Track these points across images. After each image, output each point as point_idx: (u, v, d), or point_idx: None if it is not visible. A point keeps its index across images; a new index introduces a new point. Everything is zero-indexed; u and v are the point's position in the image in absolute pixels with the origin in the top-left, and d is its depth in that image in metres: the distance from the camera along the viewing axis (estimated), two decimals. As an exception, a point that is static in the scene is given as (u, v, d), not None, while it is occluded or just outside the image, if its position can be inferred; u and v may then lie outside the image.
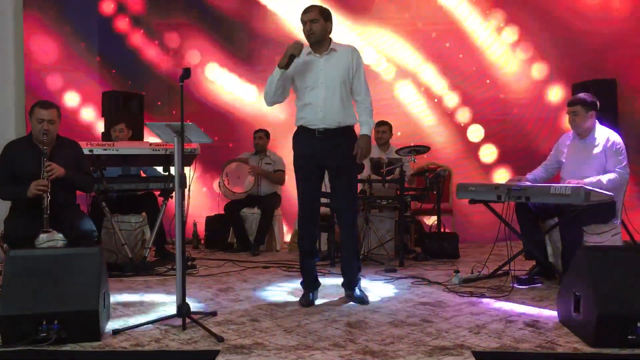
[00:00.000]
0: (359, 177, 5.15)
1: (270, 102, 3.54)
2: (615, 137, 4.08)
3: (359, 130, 3.52)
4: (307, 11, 3.44)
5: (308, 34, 3.41)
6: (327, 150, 3.43)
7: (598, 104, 4.14)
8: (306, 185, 3.52)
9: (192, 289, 3.91)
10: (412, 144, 5.45)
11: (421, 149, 5.30)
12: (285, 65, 3.37)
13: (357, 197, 3.71)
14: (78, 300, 2.63)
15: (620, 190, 4.11)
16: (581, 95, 4.21)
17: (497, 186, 4.06)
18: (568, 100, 4.23)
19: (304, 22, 3.43)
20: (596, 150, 4.04)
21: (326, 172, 3.58)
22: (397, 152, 5.34)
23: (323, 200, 3.81)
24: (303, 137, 3.51)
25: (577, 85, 5.73)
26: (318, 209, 3.62)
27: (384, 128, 5.78)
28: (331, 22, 3.48)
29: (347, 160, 3.46)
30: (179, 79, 2.96)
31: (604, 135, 4.08)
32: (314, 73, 3.44)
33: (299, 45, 3.37)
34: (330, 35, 3.50)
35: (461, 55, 6.75)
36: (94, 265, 2.75)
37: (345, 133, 3.47)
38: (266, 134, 6.25)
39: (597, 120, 4.14)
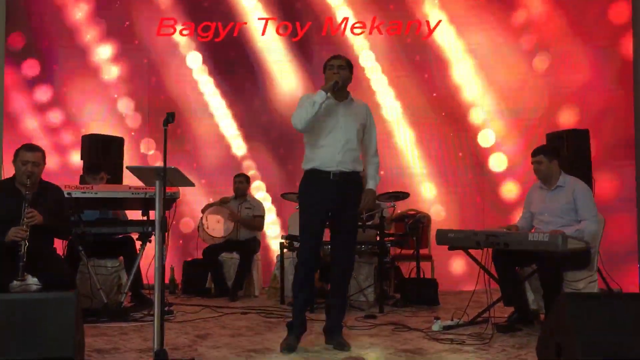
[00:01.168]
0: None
1: (307, 125, 3.46)
2: (582, 185, 4.18)
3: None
4: (337, 57, 3.59)
5: (334, 75, 3.49)
6: (341, 194, 3.49)
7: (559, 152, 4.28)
8: (310, 226, 3.53)
9: (169, 335, 3.82)
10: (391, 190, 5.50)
11: (400, 195, 5.35)
12: (331, 89, 3.43)
13: (355, 249, 3.83)
14: (52, 347, 2.55)
15: (596, 238, 4.19)
16: (544, 145, 4.35)
17: (476, 233, 4.10)
18: (532, 152, 4.35)
19: (331, 66, 3.54)
20: (565, 200, 4.14)
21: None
22: (377, 198, 5.37)
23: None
24: (315, 181, 3.53)
25: (551, 135, 5.87)
26: (318, 255, 3.66)
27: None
28: (352, 74, 3.61)
29: (354, 212, 3.57)
30: (162, 122, 2.98)
31: (571, 183, 4.18)
32: (333, 117, 3.52)
33: (338, 76, 3.47)
34: None
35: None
36: (69, 311, 2.68)
37: (357, 179, 3.58)
38: (246, 179, 6.26)
39: (561, 170, 4.25)
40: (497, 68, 6.63)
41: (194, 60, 7.08)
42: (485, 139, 6.62)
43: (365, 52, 6.85)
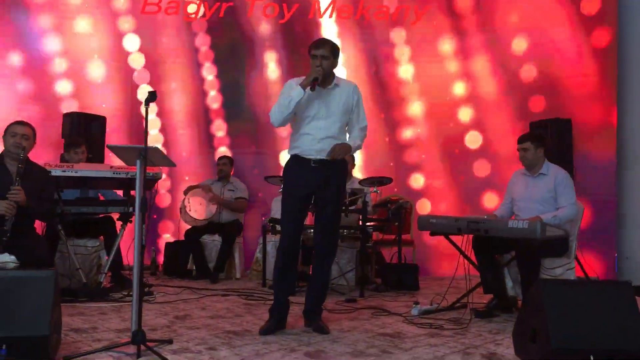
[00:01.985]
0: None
1: (282, 122, 3.50)
2: (563, 173, 4.22)
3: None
4: (318, 46, 3.45)
5: (316, 68, 3.42)
6: (319, 181, 3.46)
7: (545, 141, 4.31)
8: (290, 212, 3.53)
9: (148, 316, 3.82)
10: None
11: (384, 180, 5.35)
12: (312, 88, 3.38)
13: (339, 230, 3.77)
14: (28, 325, 2.53)
15: (574, 225, 4.24)
16: (530, 132, 4.36)
17: (457, 219, 4.13)
18: (518, 138, 4.36)
19: (314, 56, 3.44)
20: (547, 188, 4.18)
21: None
22: (360, 182, 5.38)
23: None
24: (296, 167, 3.53)
25: (534, 124, 5.89)
26: (298, 241, 3.62)
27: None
28: (337, 59, 3.54)
29: (336, 194, 3.53)
30: (144, 101, 2.95)
31: (553, 171, 4.22)
32: (315, 104, 3.47)
33: (320, 70, 3.40)
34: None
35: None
36: (46, 290, 2.66)
37: (340, 166, 3.53)
38: (230, 161, 6.24)
39: (545, 158, 4.28)
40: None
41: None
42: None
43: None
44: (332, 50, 3.48)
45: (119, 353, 2.84)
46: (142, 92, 6.81)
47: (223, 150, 6.86)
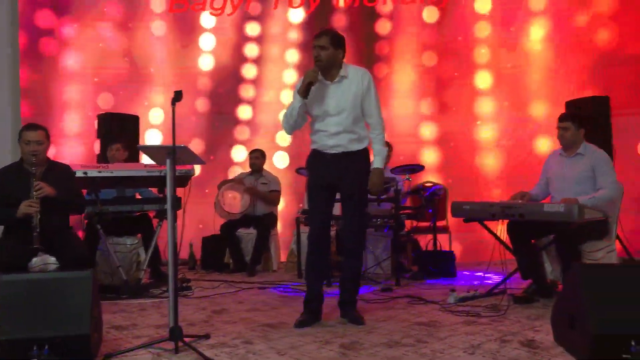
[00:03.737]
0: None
1: (290, 130, 3.56)
2: (602, 153, 4.09)
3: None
4: (317, 37, 3.43)
5: (315, 59, 3.40)
6: (338, 172, 3.45)
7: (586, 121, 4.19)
8: (314, 204, 3.55)
9: (186, 311, 3.89)
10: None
11: (416, 168, 5.31)
12: (304, 94, 3.36)
13: (365, 220, 3.68)
14: (69, 325, 2.61)
15: (615, 206, 4.12)
16: (572, 111, 4.24)
17: (491, 204, 4.06)
18: (559, 116, 4.24)
19: (313, 46, 3.42)
20: (584, 167, 4.05)
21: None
22: (392, 171, 5.34)
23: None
24: (315, 160, 3.56)
25: (571, 102, 5.74)
26: (326, 230, 3.59)
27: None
28: (343, 49, 3.46)
29: (355, 187, 3.48)
30: (171, 101, 2.99)
31: (591, 151, 4.10)
32: (325, 100, 3.45)
33: (315, 73, 3.36)
34: (343, 60, 3.48)
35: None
36: (85, 289, 2.73)
37: (358, 157, 3.49)
38: (262, 154, 6.26)
39: (584, 139, 4.16)
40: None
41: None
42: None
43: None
44: (332, 40, 3.40)
45: (157, 349, 2.90)
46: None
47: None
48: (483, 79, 6.68)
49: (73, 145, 6.70)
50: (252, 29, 7.05)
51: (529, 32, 6.55)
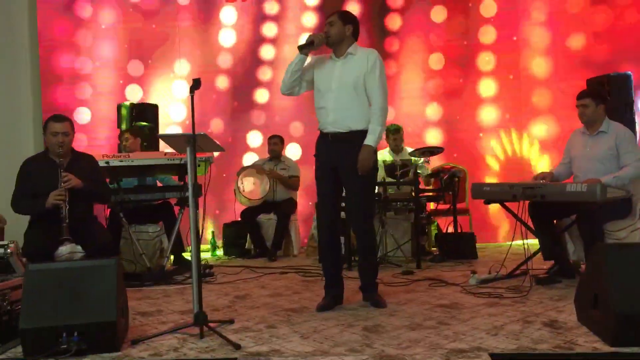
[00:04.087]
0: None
1: (285, 88, 3.56)
2: (625, 130, 4.03)
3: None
4: (329, 15, 3.54)
5: (325, 35, 3.45)
6: (339, 154, 3.44)
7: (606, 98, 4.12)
8: (321, 187, 3.56)
9: (210, 297, 3.94)
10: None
11: (435, 150, 5.28)
12: (302, 49, 3.41)
13: (370, 203, 3.61)
14: (96, 312, 2.66)
15: (639, 184, 4.06)
16: (590, 88, 4.17)
17: (512, 185, 4.03)
18: (577, 94, 4.18)
19: (325, 24, 3.52)
20: (607, 145, 3.99)
21: None
22: (410, 154, 5.33)
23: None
24: (320, 141, 3.57)
25: (592, 80, 5.66)
26: (336, 212, 3.58)
27: (396, 136, 5.78)
28: (353, 25, 3.49)
29: (352, 169, 3.42)
30: (189, 89, 3.01)
31: (614, 129, 4.03)
32: (329, 76, 3.49)
33: (320, 35, 3.44)
34: (354, 41, 3.51)
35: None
36: (111, 277, 2.78)
37: (357, 137, 3.42)
38: (281, 140, 6.28)
39: (606, 115, 4.10)
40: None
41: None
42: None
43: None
44: (341, 16, 3.48)
45: (183, 334, 2.95)
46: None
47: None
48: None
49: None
50: (271, 7, 7.01)
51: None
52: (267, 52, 7.00)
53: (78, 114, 6.73)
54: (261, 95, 7.03)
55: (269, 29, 7.00)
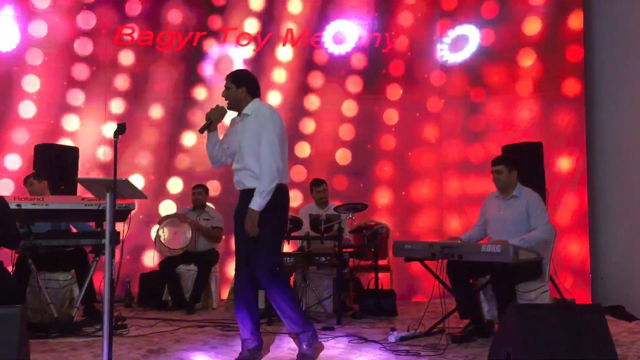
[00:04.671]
0: (297, 233, 5.18)
1: (213, 163, 3.64)
2: (535, 196, 4.29)
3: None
4: (226, 78, 3.55)
5: (211, 110, 3.52)
6: (242, 211, 3.44)
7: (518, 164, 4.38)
8: (237, 253, 3.60)
9: (121, 350, 3.75)
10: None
11: (359, 207, 5.37)
12: (202, 130, 3.48)
13: (266, 261, 3.44)
14: (-6, 365, 2.48)
15: (547, 248, 4.29)
16: (504, 155, 4.42)
17: (432, 244, 4.15)
18: (492, 160, 4.42)
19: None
20: (519, 210, 4.22)
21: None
22: (335, 209, 5.39)
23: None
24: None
25: (507, 147, 5.98)
26: (250, 270, 3.50)
27: (322, 188, 5.85)
28: (246, 86, 3.50)
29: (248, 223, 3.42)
30: (113, 134, 2.94)
31: (526, 194, 4.28)
32: (234, 139, 3.55)
33: (219, 111, 3.51)
34: (252, 98, 3.52)
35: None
36: (13, 327, 2.61)
37: (248, 196, 3.40)
38: (205, 190, 6.19)
39: (518, 181, 4.34)
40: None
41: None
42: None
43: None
44: (234, 79, 3.52)
45: (89, 391, 2.78)
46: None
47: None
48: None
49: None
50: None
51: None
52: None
53: None
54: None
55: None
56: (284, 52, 6.89)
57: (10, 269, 4.48)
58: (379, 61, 6.84)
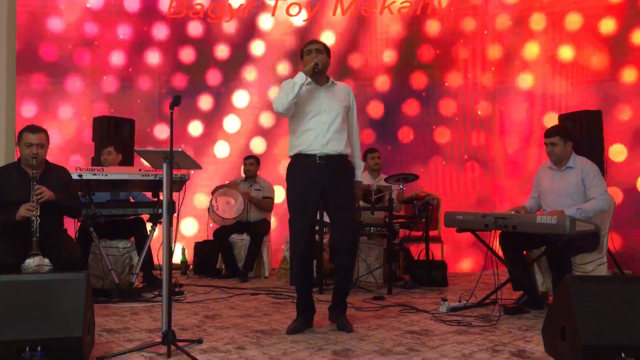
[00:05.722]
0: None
1: (287, 107, 3.43)
2: (591, 165, 4.13)
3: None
4: (314, 42, 3.61)
5: (314, 61, 3.46)
6: (329, 177, 3.46)
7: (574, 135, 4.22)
8: (301, 216, 3.49)
9: (179, 315, 3.89)
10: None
11: (410, 177, 5.33)
12: (307, 71, 3.44)
13: (357, 231, 3.72)
14: (62, 327, 2.61)
15: (605, 219, 4.15)
16: (558, 125, 4.27)
17: (485, 215, 4.08)
18: (545, 132, 4.28)
19: (308, 51, 3.53)
20: (575, 180, 4.09)
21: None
22: (386, 179, 5.37)
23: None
24: (301, 165, 3.51)
25: (564, 116, 5.80)
26: (313, 235, 3.59)
27: (376, 154, 5.86)
28: (330, 59, 3.61)
29: (347, 190, 3.55)
30: (169, 106, 2.99)
31: (580, 164, 4.13)
32: (317, 100, 3.52)
33: (318, 59, 3.51)
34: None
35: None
36: (79, 292, 2.73)
37: (345, 161, 3.57)
38: (257, 161, 6.28)
39: (573, 151, 4.20)
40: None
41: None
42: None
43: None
44: (326, 48, 3.59)
45: (150, 353, 2.90)
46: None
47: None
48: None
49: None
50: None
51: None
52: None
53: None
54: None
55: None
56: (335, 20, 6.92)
57: (73, 236, 4.68)
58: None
